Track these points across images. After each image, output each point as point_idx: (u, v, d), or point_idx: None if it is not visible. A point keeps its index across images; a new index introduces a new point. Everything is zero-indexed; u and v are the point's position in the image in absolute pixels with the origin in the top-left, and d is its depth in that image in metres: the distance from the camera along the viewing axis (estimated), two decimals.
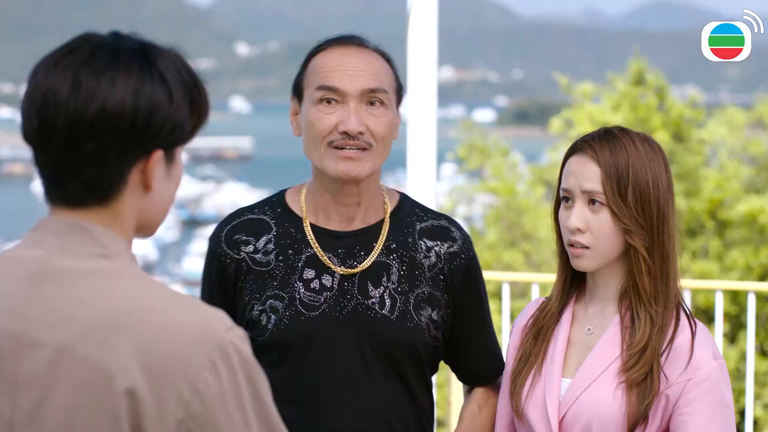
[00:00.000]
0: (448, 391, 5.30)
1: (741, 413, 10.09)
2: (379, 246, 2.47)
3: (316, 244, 2.44)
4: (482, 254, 15.71)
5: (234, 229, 2.49)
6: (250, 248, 2.46)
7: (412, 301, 2.46)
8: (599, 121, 15.05)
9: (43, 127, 1.60)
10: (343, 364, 2.41)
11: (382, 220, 2.50)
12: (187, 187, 62.23)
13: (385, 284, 2.45)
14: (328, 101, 2.39)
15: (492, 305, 13.40)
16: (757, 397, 12.15)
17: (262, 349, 2.36)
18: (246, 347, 1.59)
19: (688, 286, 5.11)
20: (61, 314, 1.58)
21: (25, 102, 1.62)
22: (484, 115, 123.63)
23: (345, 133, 2.38)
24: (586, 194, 2.34)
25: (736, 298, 12.26)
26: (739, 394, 10.56)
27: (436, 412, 2.84)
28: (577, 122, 15.44)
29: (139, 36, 1.68)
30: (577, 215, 2.34)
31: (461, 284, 2.53)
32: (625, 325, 2.36)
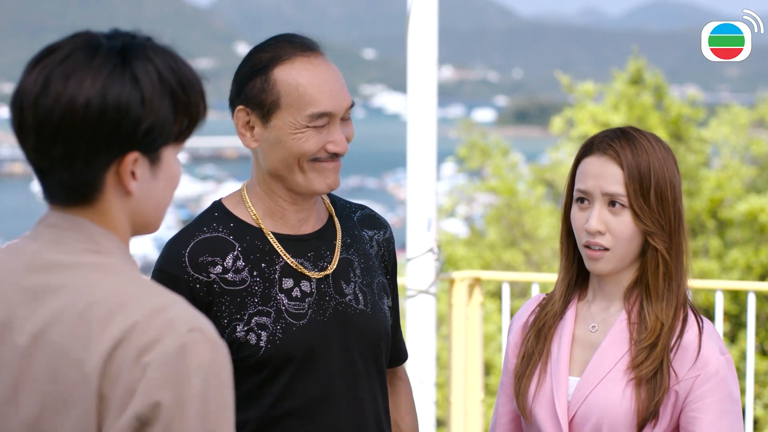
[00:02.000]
0: (448, 391, 5.30)
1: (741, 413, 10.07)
2: (338, 243, 2.47)
3: (286, 254, 2.41)
4: (483, 254, 15.71)
5: (195, 250, 2.37)
6: (219, 269, 2.36)
7: (375, 292, 2.49)
8: (600, 120, 15.05)
9: (18, 127, 1.63)
10: (336, 368, 2.41)
11: (330, 217, 2.51)
12: (187, 186, 62.19)
13: (354, 279, 2.46)
14: (318, 125, 2.36)
15: (492, 305, 13.32)
16: (757, 396, 12.16)
17: (253, 369, 2.35)
18: (210, 352, 1.57)
19: (687, 286, 5.11)
20: (40, 303, 1.60)
21: (10, 100, 1.65)
22: (484, 114, 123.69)
23: (335, 153, 2.37)
24: (607, 196, 2.32)
25: (736, 297, 12.26)
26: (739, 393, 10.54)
27: (437, 412, 2.85)
28: (578, 122, 15.43)
29: (141, 33, 1.67)
30: (597, 217, 2.32)
31: (393, 269, 2.61)
32: (632, 322, 2.36)
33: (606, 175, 2.32)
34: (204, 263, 2.37)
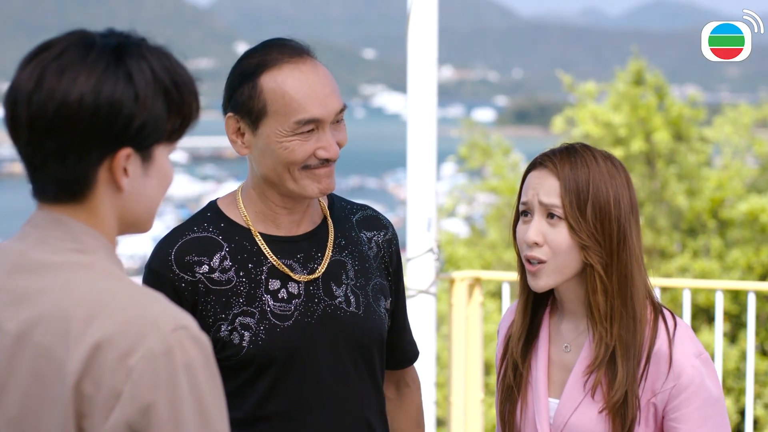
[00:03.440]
0: (448, 390, 5.30)
1: (741, 413, 10.08)
2: (330, 245, 2.46)
3: (273, 256, 2.40)
4: (483, 253, 15.71)
5: (182, 249, 2.38)
6: (205, 268, 2.37)
7: (370, 294, 2.48)
8: (602, 120, 15.06)
9: (11, 122, 1.64)
10: (323, 370, 2.40)
11: (325, 219, 2.50)
12: (187, 186, 62.20)
13: (346, 282, 2.45)
14: (306, 131, 2.34)
15: (492, 305, 13.28)
16: (757, 396, 12.15)
17: (236, 368, 2.36)
18: (195, 349, 1.57)
19: (688, 285, 5.12)
20: (25, 304, 1.61)
21: (4, 96, 1.66)
22: (484, 114, 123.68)
23: (326, 159, 2.35)
24: (544, 207, 2.31)
25: (736, 297, 12.26)
26: (739, 393, 10.56)
27: (437, 412, 2.86)
28: (579, 121, 15.44)
29: (135, 34, 1.67)
30: (535, 229, 2.31)
31: (396, 269, 2.58)
32: None
33: (544, 186, 2.31)
34: (190, 262, 2.37)
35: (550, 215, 2.30)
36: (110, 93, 1.60)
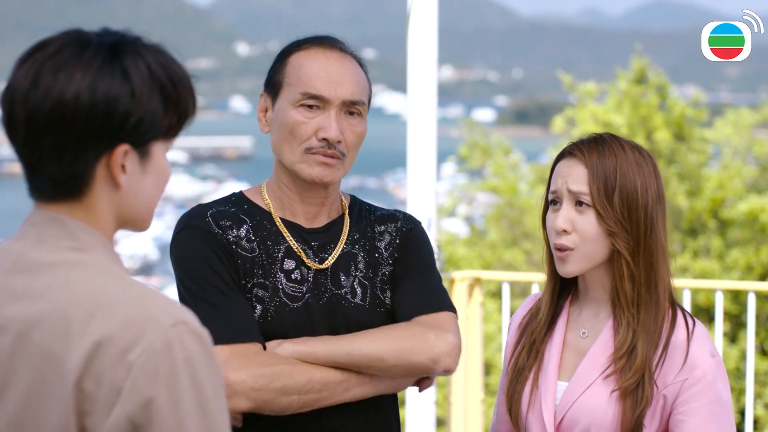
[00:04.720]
0: (448, 390, 5.30)
1: (741, 413, 10.08)
2: (344, 237, 2.51)
3: (290, 238, 2.47)
4: (483, 253, 15.71)
5: (216, 215, 2.46)
6: (234, 234, 2.44)
7: (378, 285, 2.51)
8: (602, 120, 15.06)
9: (8, 122, 1.64)
10: None
11: (342, 216, 2.55)
12: (187, 186, 62.25)
13: (354, 273, 2.49)
14: (310, 107, 2.43)
15: (492, 305, 13.22)
16: (757, 396, 12.16)
17: None
18: (195, 343, 1.58)
19: (688, 285, 5.11)
20: (24, 304, 1.61)
21: (1, 95, 1.66)
22: (484, 114, 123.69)
23: (324, 140, 2.42)
24: (572, 195, 2.35)
25: (737, 297, 12.27)
26: (739, 393, 10.56)
27: (437, 412, 2.86)
28: (579, 121, 15.44)
29: (130, 32, 1.68)
30: (564, 216, 2.35)
31: (401, 248, 2.55)
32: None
33: (572, 174, 2.36)
34: (224, 226, 2.45)
35: (579, 203, 2.35)
36: (106, 90, 1.60)
